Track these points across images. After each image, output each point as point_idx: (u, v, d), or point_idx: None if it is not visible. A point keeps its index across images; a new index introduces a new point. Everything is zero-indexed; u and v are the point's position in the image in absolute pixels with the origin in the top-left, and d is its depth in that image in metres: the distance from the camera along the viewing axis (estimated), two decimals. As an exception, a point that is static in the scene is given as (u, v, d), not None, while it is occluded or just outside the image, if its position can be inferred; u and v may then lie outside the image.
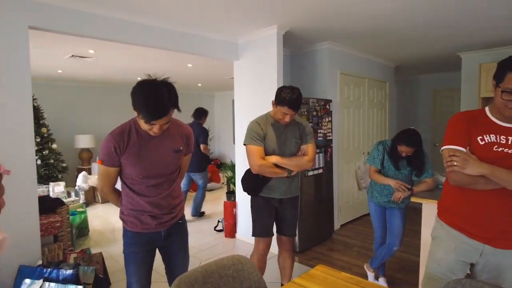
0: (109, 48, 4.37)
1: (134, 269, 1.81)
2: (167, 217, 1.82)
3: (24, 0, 2.49)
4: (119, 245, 4.10)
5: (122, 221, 1.83)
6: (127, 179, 1.74)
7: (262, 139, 2.28)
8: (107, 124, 7.88)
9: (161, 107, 1.53)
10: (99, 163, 1.69)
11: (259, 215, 2.44)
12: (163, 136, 1.73)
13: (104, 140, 1.68)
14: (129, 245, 1.81)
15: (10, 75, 2.46)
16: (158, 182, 1.75)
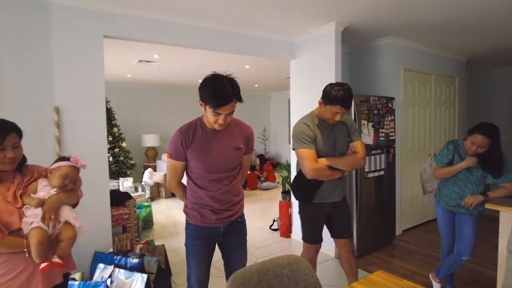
0: (172, 53, 4.63)
1: (195, 262, 1.90)
2: (227, 214, 1.88)
3: (99, 12, 2.74)
4: (180, 239, 4.35)
5: (185, 214, 1.93)
6: (191, 173, 1.85)
7: (313, 141, 2.17)
8: (171, 124, 8.37)
9: (225, 94, 1.64)
10: (168, 157, 1.83)
11: (309, 222, 2.37)
12: (225, 134, 1.82)
13: (172, 135, 1.81)
14: (190, 238, 1.91)
15: (88, 80, 2.73)
16: (219, 177, 1.82)
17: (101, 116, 2.79)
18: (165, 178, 6.41)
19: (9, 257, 1.40)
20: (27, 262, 1.42)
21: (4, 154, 1.39)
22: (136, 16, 2.91)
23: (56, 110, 2.58)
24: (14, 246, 1.38)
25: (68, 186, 1.53)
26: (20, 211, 1.42)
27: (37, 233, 1.39)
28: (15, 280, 1.40)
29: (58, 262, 1.43)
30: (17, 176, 1.50)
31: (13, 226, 1.38)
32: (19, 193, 1.44)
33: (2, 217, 1.36)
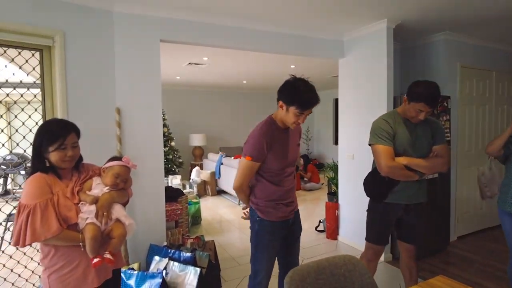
0: (220, 55, 4.77)
1: (267, 257, 1.99)
2: (293, 205, 2.06)
3: (156, 18, 2.91)
4: (226, 235, 4.47)
5: (258, 212, 1.97)
6: (266, 173, 1.93)
7: (392, 138, 2.09)
8: (217, 124, 8.67)
9: (314, 97, 1.78)
10: (248, 159, 1.86)
11: (376, 221, 2.29)
12: (290, 131, 1.97)
13: (251, 137, 1.88)
14: (266, 234, 1.98)
15: (146, 82, 2.90)
16: (290, 173, 1.99)
17: (157, 117, 2.96)
18: (212, 176, 6.60)
19: (67, 251, 1.49)
20: (82, 256, 1.49)
21: (64, 153, 1.49)
22: (190, 20, 3.05)
23: (118, 111, 2.77)
24: (71, 239, 1.46)
25: (119, 185, 1.60)
26: (77, 206, 1.50)
27: (91, 228, 1.47)
28: (73, 272, 1.49)
29: (109, 258, 1.50)
30: (75, 174, 1.60)
31: (71, 221, 1.47)
32: (76, 189, 1.53)
33: (61, 212, 1.45)
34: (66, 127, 1.53)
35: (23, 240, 1.39)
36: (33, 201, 1.41)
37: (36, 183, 1.47)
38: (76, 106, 2.60)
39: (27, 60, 2.56)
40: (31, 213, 1.39)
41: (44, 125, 1.55)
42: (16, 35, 2.38)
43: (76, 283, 1.49)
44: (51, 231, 1.40)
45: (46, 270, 1.50)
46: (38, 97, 2.67)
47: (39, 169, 1.51)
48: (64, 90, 2.55)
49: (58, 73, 2.53)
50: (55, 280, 1.48)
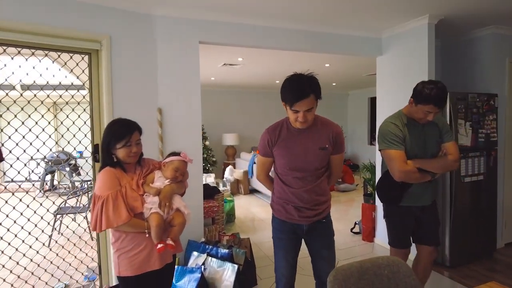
0: (255, 55, 4.81)
1: (282, 255, 1.98)
2: (310, 212, 1.91)
3: (196, 20, 2.99)
4: (259, 235, 4.50)
5: (271, 208, 2.04)
6: (277, 170, 1.96)
7: (402, 141, 2.07)
8: (250, 124, 8.75)
9: (301, 89, 1.67)
10: (257, 153, 1.99)
11: (396, 226, 2.27)
12: (310, 133, 1.86)
13: (262, 134, 1.95)
14: (276, 231, 2.01)
15: (185, 83, 2.99)
16: (303, 176, 1.87)
17: (196, 116, 3.04)
18: (245, 175, 6.67)
19: (134, 236, 1.66)
20: (147, 241, 1.66)
21: (130, 149, 1.66)
22: (227, 22, 3.10)
23: (159, 111, 2.88)
24: (137, 226, 1.63)
25: (178, 178, 1.75)
26: (142, 197, 1.66)
27: (155, 217, 1.63)
28: (139, 255, 1.66)
29: (171, 244, 1.65)
30: (138, 168, 1.77)
31: (137, 210, 1.63)
32: (141, 182, 1.70)
33: (129, 202, 1.62)
34: (130, 126, 1.69)
35: (99, 226, 1.58)
36: (105, 192, 1.59)
37: (107, 176, 1.64)
38: (121, 106, 2.73)
39: (77, 64, 2.73)
40: (105, 203, 1.57)
41: (111, 125, 1.72)
42: (68, 40, 2.54)
43: (141, 263, 1.66)
44: (121, 218, 1.57)
45: (116, 252, 1.68)
46: (86, 98, 2.84)
47: (108, 164, 1.68)
48: (110, 91, 2.69)
49: (104, 75, 2.67)
50: (124, 260, 1.66)
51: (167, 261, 1.76)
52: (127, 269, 1.66)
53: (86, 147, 4.94)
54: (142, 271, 1.67)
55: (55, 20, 2.47)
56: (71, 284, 3.05)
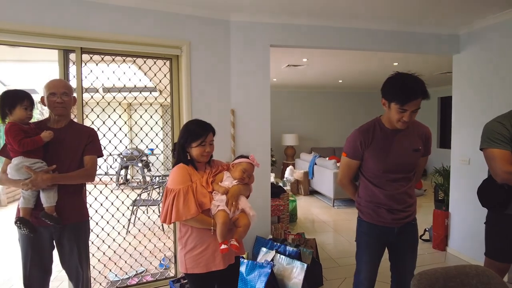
0: (319, 55, 4.80)
1: (366, 259, 1.96)
2: (402, 214, 1.88)
3: (267, 24, 3.09)
4: (321, 236, 4.48)
5: (359, 211, 2.01)
6: (367, 173, 1.92)
7: (509, 141, 1.90)
8: (309, 124, 8.72)
9: (413, 89, 1.67)
10: (343, 155, 1.95)
11: (497, 236, 2.06)
12: (404, 134, 1.83)
13: (350, 135, 1.92)
14: (363, 235, 1.98)
15: (256, 85, 3.11)
16: (397, 178, 1.85)
17: (266, 118, 3.15)
18: (305, 176, 6.67)
19: (199, 233, 1.72)
20: (212, 240, 1.70)
21: (204, 149, 1.75)
22: (297, 24, 3.16)
23: (232, 112, 3.04)
24: (204, 222, 1.69)
25: (245, 180, 1.80)
26: (210, 195, 1.73)
27: (222, 215, 1.67)
28: (204, 253, 1.72)
29: (236, 244, 1.67)
30: (207, 167, 1.85)
31: (205, 206, 1.69)
32: (210, 180, 1.77)
33: (198, 198, 1.69)
34: (206, 127, 1.79)
35: (169, 218, 1.66)
36: (177, 186, 1.68)
37: (180, 172, 1.74)
38: (199, 107, 2.93)
39: (160, 68, 2.99)
40: (176, 196, 1.66)
41: (188, 125, 1.83)
42: (153, 47, 2.80)
43: (206, 262, 1.72)
44: (190, 212, 1.65)
45: (182, 249, 1.77)
46: (158, 100, 3.07)
47: (182, 160, 1.79)
48: (189, 93, 2.90)
49: (184, 78, 2.89)
50: (189, 259, 1.73)
51: (230, 262, 1.79)
52: (193, 267, 1.73)
53: (157, 145, 5.34)
54: (208, 269, 1.72)
55: (140, 29, 2.73)
56: (150, 269, 3.34)
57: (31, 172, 1.86)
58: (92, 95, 2.90)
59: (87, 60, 2.71)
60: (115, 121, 2.99)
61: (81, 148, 2.08)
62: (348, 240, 4.22)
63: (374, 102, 6.06)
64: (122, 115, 3.18)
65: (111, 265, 3.17)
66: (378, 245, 1.94)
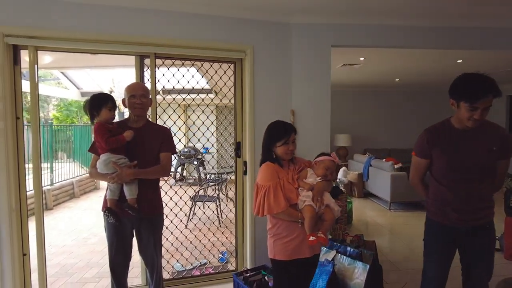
0: (377, 54, 4.69)
1: (435, 259, 1.96)
2: (470, 216, 1.85)
3: (329, 25, 3.11)
4: (377, 239, 4.36)
5: (426, 210, 2.02)
6: (435, 172, 1.92)
7: None
8: (363, 124, 8.49)
9: (483, 87, 1.66)
10: (413, 154, 1.99)
11: None
12: (474, 135, 1.80)
13: (419, 135, 1.95)
14: (430, 233, 1.99)
15: (316, 86, 3.15)
16: (465, 178, 1.82)
17: (326, 119, 3.17)
18: (359, 177, 6.54)
19: (288, 224, 1.88)
20: (299, 231, 1.86)
21: (288, 147, 1.91)
22: (359, 24, 3.14)
23: (292, 112, 3.10)
24: (292, 215, 1.85)
25: (328, 176, 1.91)
26: (297, 190, 1.87)
27: (309, 210, 1.81)
28: (292, 242, 1.89)
29: (323, 237, 1.81)
30: (291, 164, 2.00)
31: (292, 201, 1.85)
32: (295, 177, 1.91)
33: (286, 193, 1.85)
34: (288, 127, 1.95)
35: (261, 211, 1.85)
36: (267, 182, 1.86)
37: (268, 170, 1.91)
38: (261, 108, 3.04)
39: (225, 72, 3.15)
40: (267, 192, 1.83)
41: (272, 126, 2.00)
42: (219, 52, 2.95)
43: (293, 250, 1.90)
44: (280, 206, 1.82)
45: (272, 237, 1.95)
46: (214, 101, 3.21)
47: (268, 159, 1.96)
48: (252, 95, 3.01)
49: (247, 80, 3.01)
50: (279, 246, 1.91)
51: (315, 252, 1.97)
52: (281, 253, 1.90)
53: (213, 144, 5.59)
54: (294, 257, 1.89)
55: (207, 35, 2.90)
56: (207, 263, 3.51)
57: (116, 167, 2.07)
58: (165, 96, 3.14)
59: (159, 65, 2.94)
60: (174, 121, 3.19)
61: (157, 146, 2.27)
62: (407, 244, 4.07)
63: (440, 101, 5.75)
64: (181, 116, 3.41)
65: (172, 256, 3.40)
66: (445, 244, 1.92)
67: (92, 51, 2.87)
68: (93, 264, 3.74)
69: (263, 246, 2.94)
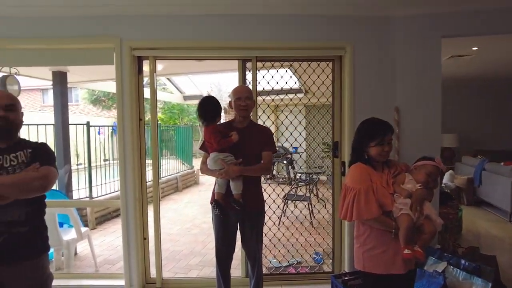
0: (495, 42, 4.10)
1: None
2: None
3: (437, 14, 2.82)
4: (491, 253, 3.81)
5: None
6: None
7: None
8: (472, 123, 7.49)
9: None
10: None
11: None
12: None
13: None
14: None
15: (424, 81, 2.89)
16: None
17: (436, 117, 2.88)
18: (468, 183, 5.81)
19: (379, 234, 1.71)
20: (392, 242, 1.67)
21: (382, 148, 1.73)
22: (473, 10, 2.77)
23: (396, 110, 2.90)
24: (385, 224, 1.67)
25: (430, 184, 1.70)
26: (392, 196, 1.68)
27: (406, 219, 1.61)
28: (384, 255, 1.70)
29: (420, 251, 1.60)
30: (385, 167, 1.82)
31: (386, 208, 1.67)
32: (391, 181, 1.73)
33: (379, 198, 1.68)
34: (384, 125, 1.79)
35: (349, 216, 1.72)
36: (357, 185, 1.71)
37: (359, 171, 1.78)
38: (361, 105, 2.92)
39: (323, 70, 3.11)
40: (357, 195, 1.69)
41: (365, 124, 1.86)
42: (317, 51, 2.93)
43: (386, 264, 1.71)
44: (371, 212, 1.66)
45: (360, 247, 1.80)
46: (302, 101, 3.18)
47: (359, 159, 1.82)
48: (352, 92, 2.92)
49: (347, 78, 2.92)
50: (368, 257, 1.76)
51: (410, 267, 1.75)
52: (372, 266, 1.74)
53: (301, 144, 5.58)
54: (386, 271, 1.70)
55: (305, 35, 2.89)
56: (302, 262, 3.52)
57: (224, 164, 2.22)
58: (265, 98, 3.27)
59: (260, 67, 3.05)
60: (264, 121, 3.25)
61: (259, 145, 2.37)
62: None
63: None
64: (270, 116, 3.49)
65: (267, 252, 3.50)
66: None
67: (200, 57, 3.14)
68: (196, 253, 4.08)
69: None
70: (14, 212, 1.53)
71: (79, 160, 7.47)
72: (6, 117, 1.54)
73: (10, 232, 1.52)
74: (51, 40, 2.84)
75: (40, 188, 1.52)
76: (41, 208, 1.67)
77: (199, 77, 8.27)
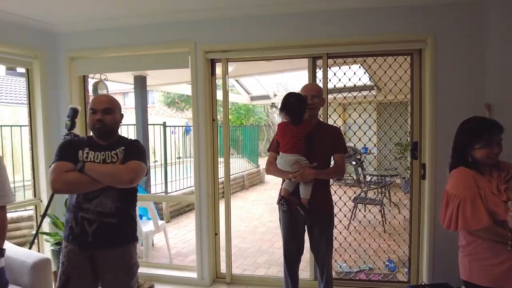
0: None
1: None
2: None
3: None
4: None
5: None
6: None
7: None
8: None
9: None
10: None
11: None
12: None
13: None
14: None
15: None
16: None
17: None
18: None
19: (492, 244, 1.52)
20: (507, 254, 1.48)
21: (490, 150, 1.55)
22: None
23: (488, 107, 2.58)
24: (498, 235, 1.48)
25: None
26: (505, 204, 1.49)
27: None
28: (497, 267, 1.51)
29: None
30: (494, 171, 1.61)
31: (498, 217, 1.48)
32: (503, 187, 1.53)
33: (489, 207, 1.49)
34: (493, 125, 1.60)
35: (454, 226, 1.56)
36: (462, 192, 1.55)
37: (463, 176, 1.61)
38: (444, 103, 2.66)
39: (400, 65, 2.91)
40: (462, 204, 1.53)
41: (468, 124, 1.68)
42: (393, 44, 2.74)
43: (500, 277, 1.52)
44: (481, 223, 1.48)
45: (466, 256, 1.63)
46: (377, 98, 2.98)
47: (462, 163, 1.64)
48: (433, 88, 2.67)
49: (428, 73, 2.69)
50: (478, 268, 1.58)
51: None
52: (481, 277, 1.56)
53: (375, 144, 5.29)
54: (498, 285, 1.52)
55: (380, 27, 2.73)
56: (374, 268, 3.31)
57: (299, 167, 2.15)
58: (336, 95, 3.17)
59: (331, 64, 2.96)
60: (335, 120, 3.13)
61: (330, 146, 2.27)
62: None
63: None
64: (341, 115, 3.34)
65: (336, 255, 3.38)
66: None
67: (270, 57, 3.15)
68: (263, 251, 4.11)
69: (445, 261, 2.58)
70: (106, 204, 1.75)
71: (155, 157, 8.07)
72: (103, 120, 1.77)
73: (101, 222, 1.74)
74: (134, 47, 3.11)
75: (128, 181, 1.71)
76: (130, 204, 1.89)
77: (265, 78, 8.35)
